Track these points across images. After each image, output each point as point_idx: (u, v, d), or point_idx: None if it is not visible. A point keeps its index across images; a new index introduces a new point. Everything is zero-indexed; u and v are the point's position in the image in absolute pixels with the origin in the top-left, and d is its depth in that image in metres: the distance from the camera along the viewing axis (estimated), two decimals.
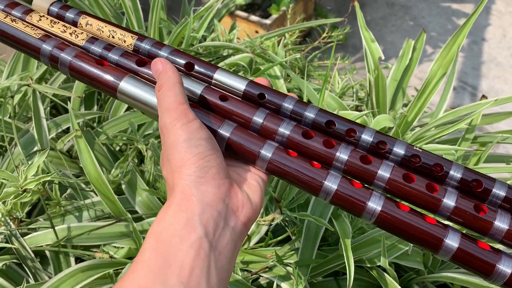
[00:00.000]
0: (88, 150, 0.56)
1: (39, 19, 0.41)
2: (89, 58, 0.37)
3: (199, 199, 0.29)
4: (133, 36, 0.40)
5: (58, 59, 0.37)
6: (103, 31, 0.41)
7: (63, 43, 0.38)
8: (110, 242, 0.57)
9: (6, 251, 0.56)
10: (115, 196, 0.56)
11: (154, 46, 0.39)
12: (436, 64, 0.65)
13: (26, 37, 0.38)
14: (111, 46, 0.39)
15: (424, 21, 2.10)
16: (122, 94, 0.35)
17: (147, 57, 0.39)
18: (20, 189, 0.45)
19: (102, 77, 0.36)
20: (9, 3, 0.42)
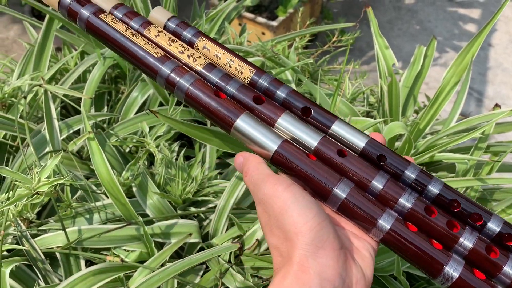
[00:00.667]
0: (101, 153, 0.55)
1: (157, 34, 0.39)
2: (207, 88, 0.36)
3: (317, 272, 0.28)
4: (251, 70, 0.39)
5: (176, 84, 0.36)
6: (220, 58, 0.40)
7: (181, 67, 0.37)
8: (121, 245, 0.56)
9: (16, 252, 0.56)
10: (126, 199, 0.56)
11: (272, 83, 0.38)
12: (450, 71, 0.65)
13: (146, 56, 0.37)
14: (229, 77, 0.38)
15: (430, 25, 2.09)
16: (236, 131, 0.35)
17: (263, 93, 0.38)
18: (33, 191, 0.45)
19: (219, 110, 0.35)
20: (128, 12, 0.41)
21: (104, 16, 0.39)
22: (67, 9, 0.40)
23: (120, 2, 0.42)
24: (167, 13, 0.43)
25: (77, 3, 0.40)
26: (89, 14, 0.39)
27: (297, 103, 0.37)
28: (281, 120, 0.36)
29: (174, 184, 0.61)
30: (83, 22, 0.40)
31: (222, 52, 0.40)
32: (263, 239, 0.58)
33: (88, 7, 0.40)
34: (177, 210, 0.62)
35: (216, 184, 0.64)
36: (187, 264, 0.47)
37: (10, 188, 0.58)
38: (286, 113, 0.36)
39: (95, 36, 0.40)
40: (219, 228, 0.60)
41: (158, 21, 0.42)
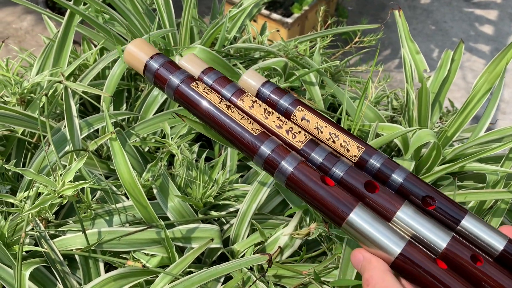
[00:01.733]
0: (123, 154, 0.54)
1: (251, 105, 0.36)
2: (312, 172, 0.32)
3: None
4: (360, 147, 0.34)
5: (277, 167, 0.32)
6: (321, 131, 0.36)
7: (282, 147, 0.33)
8: (140, 248, 0.55)
9: (33, 253, 0.55)
10: (147, 201, 0.55)
11: (386, 165, 0.34)
12: (482, 78, 0.63)
13: (243, 133, 0.34)
14: (335, 157, 0.33)
15: (446, 25, 2.06)
16: (349, 227, 0.30)
17: (374, 176, 0.34)
18: (57, 195, 0.43)
19: (327, 200, 0.31)
20: (219, 78, 0.38)
21: (195, 85, 0.35)
22: (154, 74, 0.36)
23: (209, 66, 0.39)
24: (261, 77, 0.39)
25: (165, 69, 0.36)
26: (179, 82, 0.36)
27: (418, 190, 0.32)
28: (401, 213, 0.31)
29: (195, 186, 0.60)
30: (172, 90, 0.36)
31: (324, 125, 0.36)
32: (285, 246, 0.57)
33: (178, 74, 0.36)
34: (198, 214, 0.60)
35: (237, 188, 0.63)
36: (213, 274, 0.45)
37: (30, 186, 0.57)
38: (407, 205, 0.31)
39: (184, 105, 0.36)
40: (240, 234, 0.58)
41: (250, 87, 0.39)
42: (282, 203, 0.63)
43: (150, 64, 0.36)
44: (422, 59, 0.68)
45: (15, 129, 0.64)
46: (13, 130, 0.64)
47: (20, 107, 0.65)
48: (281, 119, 0.35)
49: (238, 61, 0.77)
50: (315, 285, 0.51)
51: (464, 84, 1.81)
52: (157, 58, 0.36)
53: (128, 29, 0.74)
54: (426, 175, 0.59)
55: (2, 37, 1.80)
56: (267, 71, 0.75)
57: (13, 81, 0.64)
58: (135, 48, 0.37)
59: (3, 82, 0.64)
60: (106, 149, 0.66)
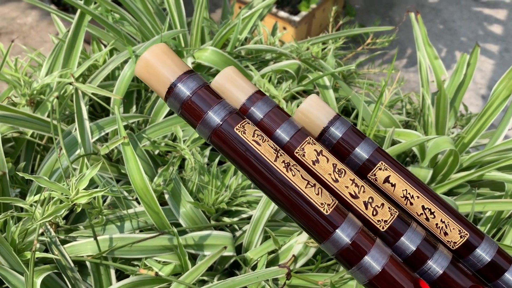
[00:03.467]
0: (136, 159, 0.53)
1: (316, 159, 0.26)
2: (404, 278, 0.24)
3: None
4: (462, 232, 0.26)
5: (358, 263, 0.24)
6: (411, 202, 0.27)
7: (364, 234, 0.24)
8: (152, 255, 0.54)
9: (43, 259, 0.54)
10: (159, 207, 0.54)
11: (498, 257, 0.26)
12: (502, 84, 0.61)
13: (309, 210, 0.24)
14: (431, 246, 0.25)
15: (454, 25, 2.04)
16: None
17: (480, 272, 0.26)
18: (70, 203, 0.42)
19: None
20: (271, 111, 0.27)
21: (241, 128, 0.25)
22: (182, 103, 0.26)
23: (257, 89, 0.28)
24: (328, 109, 0.28)
25: (200, 99, 0.26)
26: (220, 121, 0.25)
27: None
28: None
29: (207, 192, 0.59)
30: (209, 131, 0.26)
31: (416, 194, 0.26)
32: (299, 255, 0.56)
33: (218, 110, 0.26)
34: (210, 220, 0.59)
35: (250, 194, 0.62)
36: (229, 286, 0.44)
37: (41, 190, 0.56)
38: None
39: (225, 154, 0.26)
40: (253, 241, 0.57)
41: (312, 123, 0.28)
42: None
43: (178, 89, 0.25)
44: (441, 65, 0.66)
45: (24, 131, 0.63)
46: (22, 132, 0.63)
47: (29, 108, 0.64)
48: (357, 183, 0.26)
49: (250, 62, 0.76)
50: None
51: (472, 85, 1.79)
52: (188, 79, 0.26)
53: (139, 29, 0.73)
54: (443, 184, 0.58)
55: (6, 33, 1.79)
56: (281, 74, 0.74)
57: (23, 82, 0.63)
58: (155, 59, 0.25)
59: (12, 83, 0.63)
60: (116, 152, 0.65)
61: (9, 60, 0.66)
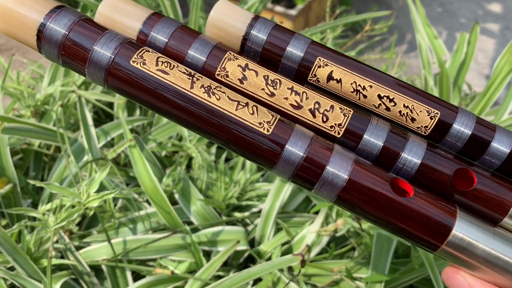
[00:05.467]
0: (143, 160, 0.53)
1: (243, 76, 0.22)
2: (377, 179, 0.21)
3: None
4: (432, 111, 0.23)
5: (319, 176, 0.21)
6: (365, 94, 0.22)
7: (318, 143, 0.21)
8: (167, 255, 0.54)
9: (59, 266, 0.55)
10: (171, 206, 0.54)
11: (479, 130, 0.23)
12: (503, 59, 0.61)
13: (247, 134, 0.21)
14: (400, 137, 0.22)
15: (453, 7, 2.02)
16: (450, 248, 0.21)
17: (460, 152, 0.23)
18: (82, 207, 0.43)
19: (408, 219, 0.21)
20: (176, 31, 0.23)
21: (139, 58, 0.20)
22: (59, 45, 0.21)
23: (152, 11, 0.24)
24: (242, 11, 0.23)
25: (80, 34, 0.21)
26: (112, 55, 0.20)
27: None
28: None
29: (216, 188, 0.59)
30: (101, 73, 0.21)
31: (368, 83, 0.22)
32: (313, 244, 0.56)
33: (106, 42, 0.21)
34: (221, 216, 0.60)
35: (259, 188, 0.62)
36: (245, 277, 0.45)
37: (52, 199, 0.56)
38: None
39: (131, 97, 0.21)
40: (265, 234, 0.58)
41: (230, 33, 0.23)
42: (305, 200, 0.62)
43: (49, 30, 0.20)
44: (441, 44, 0.66)
45: (31, 142, 0.64)
46: (29, 143, 0.64)
47: (34, 119, 0.65)
48: (296, 90, 0.22)
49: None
50: (347, 282, 0.50)
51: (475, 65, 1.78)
52: (59, 16, 0.20)
53: None
54: None
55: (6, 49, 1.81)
56: None
57: (26, 94, 0.63)
58: (13, 3, 0.20)
59: (16, 96, 0.64)
60: (123, 156, 0.65)
61: (11, 74, 0.67)
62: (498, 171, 0.23)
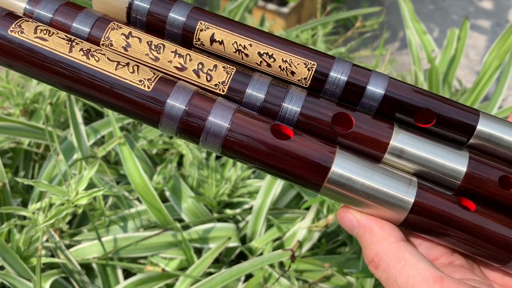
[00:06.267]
0: (133, 158, 0.53)
1: (127, 43, 0.23)
2: (258, 125, 0.22)
3: None
4: (309, 63, 0.23)
5: (202, 128, 0.21)
6: (246, 53, 0.24)
7: (200, 95, 0.22)
8: (158, 252, 0.54)
9: (50, 264, 0.55)
10: (161, 204, 0.54)
11: (353, 76, 0.24)
12: (491, 55, 0.61)
13: (132, 92, 0.21)
14: (280, 88, 0.23)
15: (444, 4, 2.03)
16: (332, 185, 0.22)
17: (341, 98, 0.24)
18: (71, 205, 0.43)
19: (291, 159, 0.21)
20: (61, 6, 0.23)
21: (17, 27, 0.21)
22: None
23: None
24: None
25: None
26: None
27: (409, 101, 0.23)
28: (394, 144, 0.23)
29: (208, 186, 0.59)
30: None
31: (248, 42, 0.23)
32: (304, 240, 0.56)
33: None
34: (213, 213, 0.59)
35: (250, 184, 0.62)
36: (235, 273, 0.45)
37: (41, 197, 0.56)
38: (398, 130, 0.23)
39: (11, 66, 0.22)
40: (257, 230, 0.58)
41: (113, 8, 0.24)
42: (297, 196, 0.62)
43: None
44: (430, 39, 0.66)
45: (21, 141, 0.63)
46: (18, 142, 0.63)
47: (24, 118, 0.64)
48: (180, 53, 0.23)
49: None
50: (338, 277, 0.51)
51: (467, 62, 1.79)
52: None
53: None
54: None
55: None
56: None
57: (15, 92, 0.63)
58: None
59: (5, 94, 0.63)
60: (114, 154, 0.65)
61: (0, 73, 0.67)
62: (378, 113, 0.24)
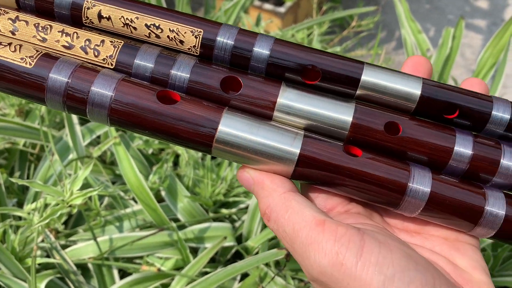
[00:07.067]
0: (128, 158, 0.53)
1: (14, 27, 0.23)
2: (143, 91, 0.22)
3: None
4: (196, 30, 0.24)
5: (87, 98, 0.22)
6: (134, 27, 0.24)
7: (84, 68, 0.22)
8: (153, 252, 0.54)
9: (45, 265, 0.54)
10: (157, 204, 0.54)
11: (240, 40, 0.24)
12: (486, 53, 0.61)
13: (15, 72, 0.22)
14: (169, 57, 0.24)
15: (441, 4, 2.04)
16: (221, 145, 0.22)
17: (230, 63, 0.25)
18: (66, 205, 0.43)
19: (177, 122, 0.22)
20: None
21: None
22: None
23: None
24: None
25: None
26: None
27: (293, 60, 0.24)
28: (282, 101, 0.23)
29: (203, 185, 0.59)
30: None
31: (134, 16, 0.23)
32: None
33: None
34: (208, 213, 0.59)
35: None
36: (230, 273, 0.45)
37: (37, 198, 0.56)
38: (285, 88, 0.24)
39: None
40: (253, 229, 0.58)
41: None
42: None
43: None
44: (425, 38, 0.67)
45: (16, 141, 0.63)
46: (14, 142, 0.63)
47: (19, 118, 0.64)
48: (67, 32, 0.23)
49: None
50: None
51: (463, 61, 1.79)
52: None
53: None
54: None
55: None
56: None
57: None
58: None
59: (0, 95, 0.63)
60: (109, 154, 0.65)
61: None
62: (268, 75, 0.25)
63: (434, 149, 0.24)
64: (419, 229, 0.25)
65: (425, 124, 0.24)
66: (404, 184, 0.23)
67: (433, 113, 0.25)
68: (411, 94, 0.24)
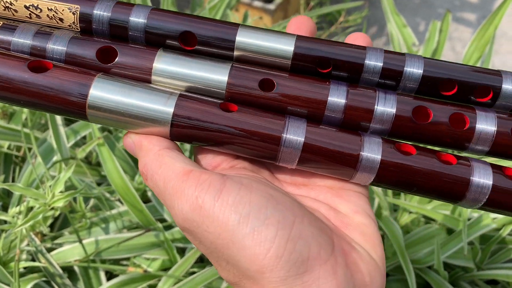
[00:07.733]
0: (112, 159, 0.53)
1: None
2: (15, 61, 0.23)
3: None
4: (73, 7, 0.24)
5: None
6: (15, 9, 0.25)
7: None
8: (140, 253, 0.54)
9: (31, 269, 0.54)
10: (143, 205, 0.54)
11: (118, 12, 0.25)
12: (472, 46, 0.61)
13: None
14: (45, 34, 0.24)
15: None
16: (94, 110, 0.23)
17: (110, 34, 0.25)
18: (48, 207, 0.42)
19: (47, 90, 0.22)
20: None
21: None
22: None
23: None
24: None
25: None
26: None
27: (169, 27, 0.24)
28: (158, 66, 0.24)
29: None
30: None
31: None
32: None
33: None
34: None
35: None
36: (216, 273, 0.44)
37: (21, 201, 0.55)
38: (162, 54, 0.24)
39: None
40: None
41: None
42: None
43: None
44: (410, 32, 0.66)
45: (0, 144, 0.62)
46: None
47: (3, 121, 0.63)
48: None
49: None
50: None
51: (453, 55, 1.80)
52: None
53: None
54: None
55: None
56: None
57: None
58: None
59: None
60: (95, 155, 0.64)
61: None
62: (148, 43, 0.26)
63: (309, 101, 0.24)
64: (306, 181, 0.26)
65: (300, 78, 0.25)
66: (278, 136, 0.23)
67: (309, 68, 0.25)
68: (285, 51, 0.25)
